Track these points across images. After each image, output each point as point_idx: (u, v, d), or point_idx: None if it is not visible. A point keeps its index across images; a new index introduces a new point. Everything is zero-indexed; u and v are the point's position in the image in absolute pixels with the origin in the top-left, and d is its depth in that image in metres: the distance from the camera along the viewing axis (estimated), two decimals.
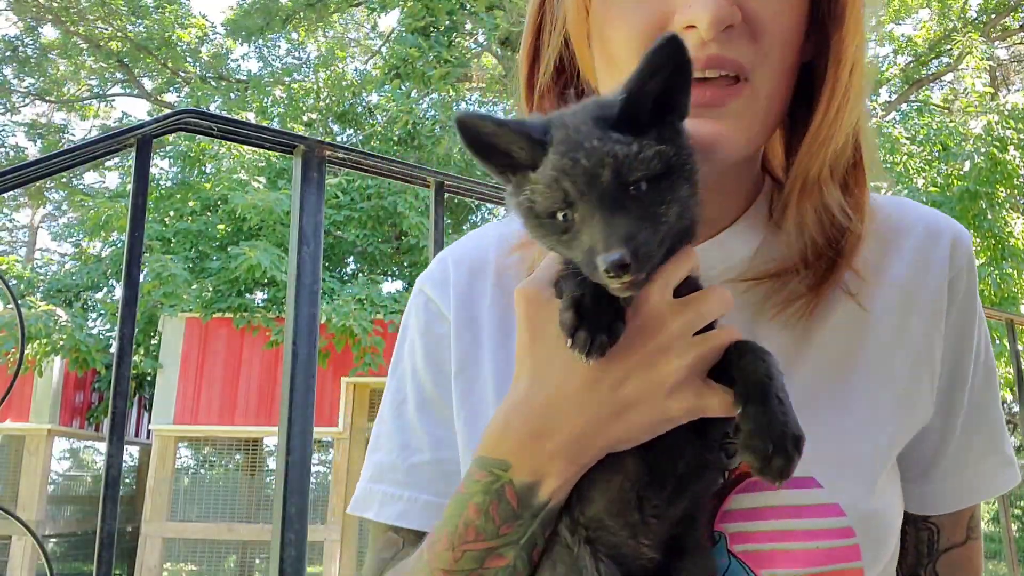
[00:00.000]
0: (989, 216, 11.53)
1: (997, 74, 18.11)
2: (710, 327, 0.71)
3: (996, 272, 11.10)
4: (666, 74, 0.65)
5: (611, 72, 0.81)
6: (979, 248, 12.04)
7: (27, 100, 20.28)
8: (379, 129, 14.13)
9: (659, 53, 0.64)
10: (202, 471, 14.77)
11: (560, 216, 0.66)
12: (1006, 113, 11.77)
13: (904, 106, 18.37)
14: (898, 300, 0.85)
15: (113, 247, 13.78)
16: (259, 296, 12.23)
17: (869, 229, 0.84)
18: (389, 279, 14.93)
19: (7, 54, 18.82)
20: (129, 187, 1.41)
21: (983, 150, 11.34)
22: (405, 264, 14.07)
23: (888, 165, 14.25)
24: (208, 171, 13.69)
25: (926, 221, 0.91)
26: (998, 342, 10.34)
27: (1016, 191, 11.96)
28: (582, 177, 0.64)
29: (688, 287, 0.71)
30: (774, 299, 0.83)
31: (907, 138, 14.26)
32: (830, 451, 0.78)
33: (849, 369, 0.83)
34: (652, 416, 0.69)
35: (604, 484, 0.72)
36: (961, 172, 11.66)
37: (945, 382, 0.87)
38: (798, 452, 0.64)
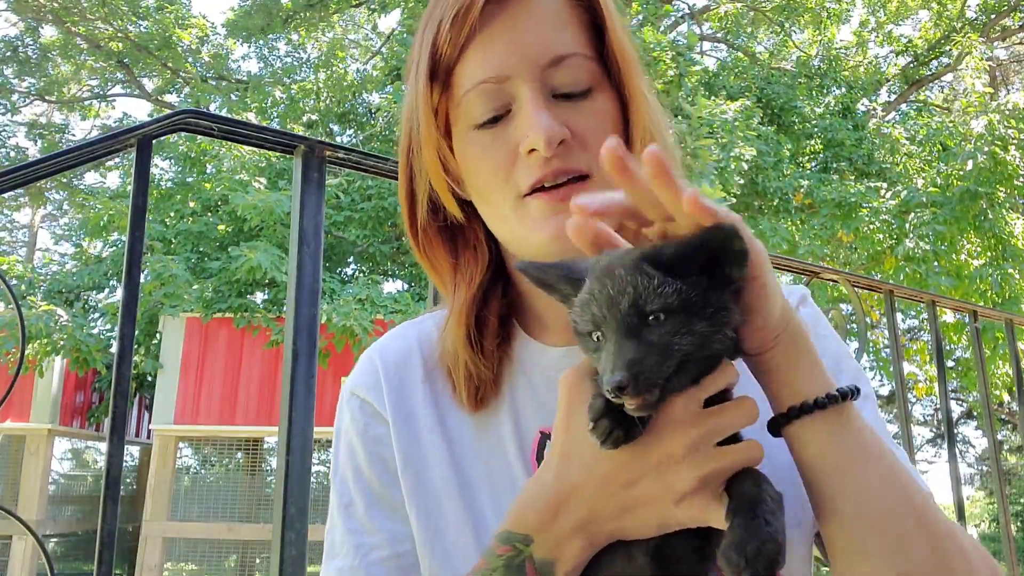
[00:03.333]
0: (990, 216, 11.52)
1: (997, 74, 18.09)
2: (735, 438, 0.76)
3: (998, 273, 11.09)
4: (703, 251, 0.70)
5: (486, 205, 0.95)
6: (980, 249, 12.04)
7: (27, 100, 20.28)
8: (379, 129, 14.13)
9: (706, 235, 0.69)
10: (202, 471, 14.77)
11: (593, 336, 0.73)
12: (1007, 113, 11.76)
13: (904, 106, 18.37)
14: None
15: (114, 247, 13.77)
16: (259, 296, 12.24)
17: None
18: (389, 279, 14.94)
19: (7, 54, 18.82)
20: (129, 187, 1.41)
21: (986, 149, 11.32)
22: (405, 264, 14.07)
23: (888, 165, 14.26)
24: (208, 171, 13.70)
25: None
26: (998, 342, 10.35)
27: (1016, 191, 11.94)
28: (606, 302, 0.71)
29: (721, 398, 0.76)
30: None
31: (907, 138, 14.26)
32: None
33: None
34: (657, 519, 0.75)
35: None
36: (964, 172, 11.64)
37: None
38: (769, 573, 0.67)
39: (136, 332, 1.46)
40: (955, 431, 18.18)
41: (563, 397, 0.79)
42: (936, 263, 11.48)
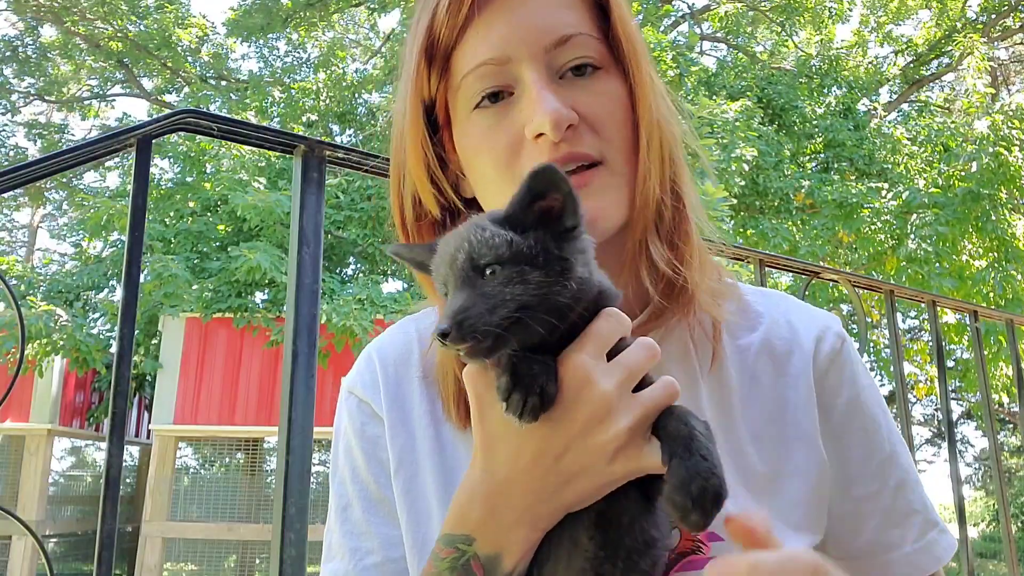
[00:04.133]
0: (993, 217, 11.52)
1: (997, 75, 18.09)
2: (644, 382, 0.74)
3: (1000, 274, 11.09)
4: (533, 196, 0.72)
5: (487, 192, 0.92)
6: (982, 250, 12.03)
7: (27, 100, 20.27)
8: (379, 129, 14.12)
9: (530, 179, 0.71)
10: (202, 471, 14.78)
11: (446, 297, 0.74)
12: (1010, 113, 11.75)
13: (905, 106, 18.37)
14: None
15: (114, 248, 13.77)
16: (259, 296, 12.23)
17: (723, 290, 0.94)
18: (389, 279, 14.93)
19: (7, 54, 18.81)
20: (129, 187, 1.41)
21: (990, 149, 11.31)
22: (405, 264, 14.04)
23: (889, 166, 14.25)
24: (208, 171, 13.69)
25: (790, 316, 0.98)
26: (999, 342, 10.35)
27: (1018, 192, 11.93)
28: (447, 260, 0.73)
29: (617, 350, 0.74)
30: None
31: (908, 139, 14.25)
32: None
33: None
34: (597, 481, 0.72)
35: (564, 563, 0.75)
36: (966, 172, 11.62)
37: (854, 471, 0.93)
38: (716, 508, 0.65)
39: (136, 332, 1.46)
40: (955, 431, 18.18)
41: (470, 390, 0.76)
42: (938, 264, 11.47)
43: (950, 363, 12.99)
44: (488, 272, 0.70)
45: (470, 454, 0.91)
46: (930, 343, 11.63)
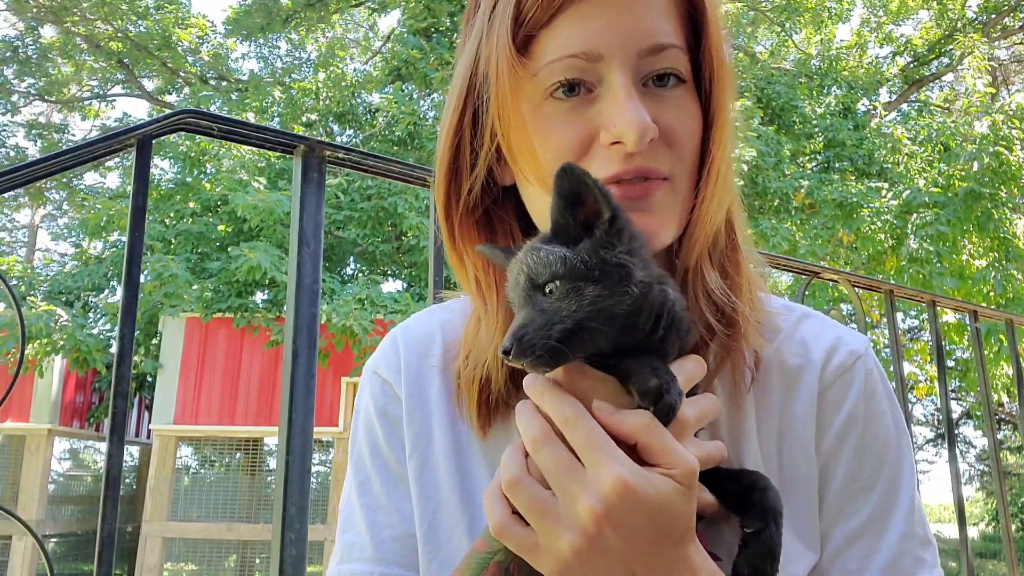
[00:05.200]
0: (996, 217, 11.51)
1: (997, 74, 18.09)
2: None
3: (1001, 274, 11.09)
4: (571, 199, 0.74)
5: (533, 185, 0.87)
6: (982, 249, 12.03)
7: (27, 100, 20.28)
8: (379, 129, 14.12)
9: (556, 182, 0.74)
10: (202, 471, 14.77)
11: None
12: (1011, 112, 11.75)
13: (904, 106, 18.37)
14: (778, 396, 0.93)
15: (114, 248, 13.78)
16: (259, 296, 12.23)
17: (763, 317, 0.93)
18: (389, 279, 14.93)
19: (7, 54, 18.81)
20: (129, 187, 1.41)
21: (990, 149, 11.31)
22: (405, 264, 14.06)
23: (889, 166, 14.25)
24: (208, 171, 13.70)
25: (804, 332, 0.97)
26: (998, 342, 10.35)
27: (1018, 191, 11.93)
28: (512, 284, 0.77)
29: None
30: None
31: (908, 138, 14.24)
32: None
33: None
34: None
35: None
36: (967, 172, 11.62)
37: (831, 490, 0.90)
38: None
39: (136, 332, 1.46)
40: (955, 431, 18.17)
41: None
42: (939, 264, 11.47)
43: (950, 363, 12.99)
44: (547, 290, 0.73)
45: (484, 444, 0.92)
46: (930, 343, 11.63)
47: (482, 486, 0.91)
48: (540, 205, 0.87)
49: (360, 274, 13.89)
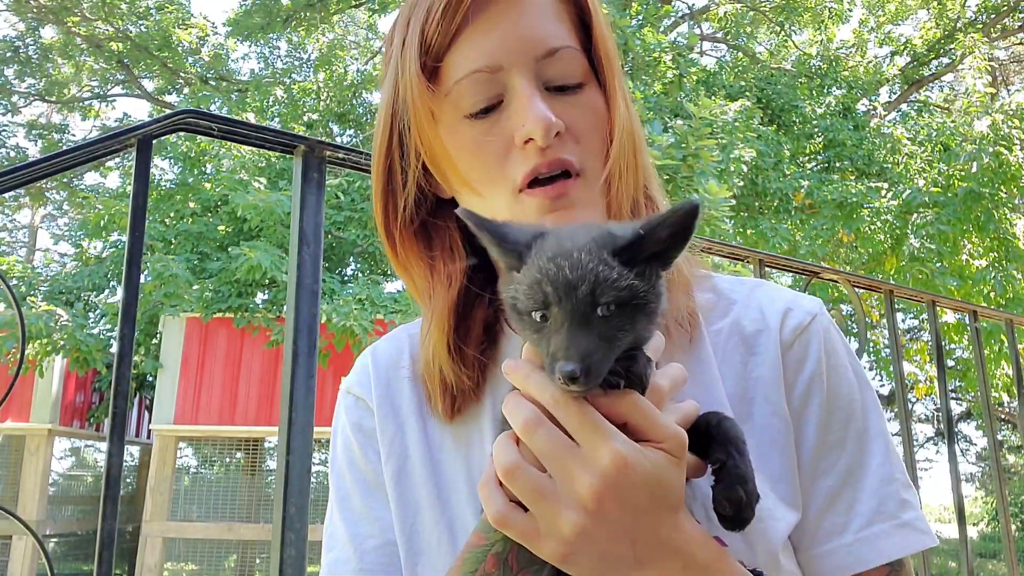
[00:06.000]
0: (996, 216, 11.52)
1: (996, 74, 18.09)
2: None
3: (1002, 274, 11.09)
4: (676, 231, 0.73)
5: (477, 198, 0.93)
6: (982, 250, 12.03)
7: (28, 101, 20.28)
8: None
9: (686, 216, 0.72)
10: (202, 471, 14.77)
11: (538, 316, 0.73)
12: (1010, 112, 11.75)
13: (904, 106, 18.37)
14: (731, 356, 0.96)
15: (114, 248, 13.77)
16: (259, 296, 12.23)
17: (695, 280, 0.99)
18: (389, 279, 14.93)
19: (7, 54, 18.81)
20: (129, 187, 1.42)
21: (990, 149, 11.31)
22: None
23: (889, 166, 14.25)
24: (208, 171, 13.70)
25: (759, 299, 1.00)
26: (997, 342, 10.35)
27: (1018, 191, 11.93)
28: (563, 286, 0.71)
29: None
30: None
31: (908, 138, 14.24)
32: None
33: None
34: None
35: None
36: (966, 172, 11.62)
37: (806, 448, 0.92)
38: (756, 507, 0.76)
39: (136, 332, 1.46)
40: (955, 431, 18.19)
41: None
42: (940, 263, 11.47)
43: (950, 363, 12.99)
44: (601, 309, 0.71)
45: (456, 445, 0.95)
46: (930, 343, 11.63)
47: (455, 475, 0.93)
48: (478, 211, 0.89)
49: (360, 274, 13.89)
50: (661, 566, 0.73)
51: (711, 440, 0.78)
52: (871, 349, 13.19)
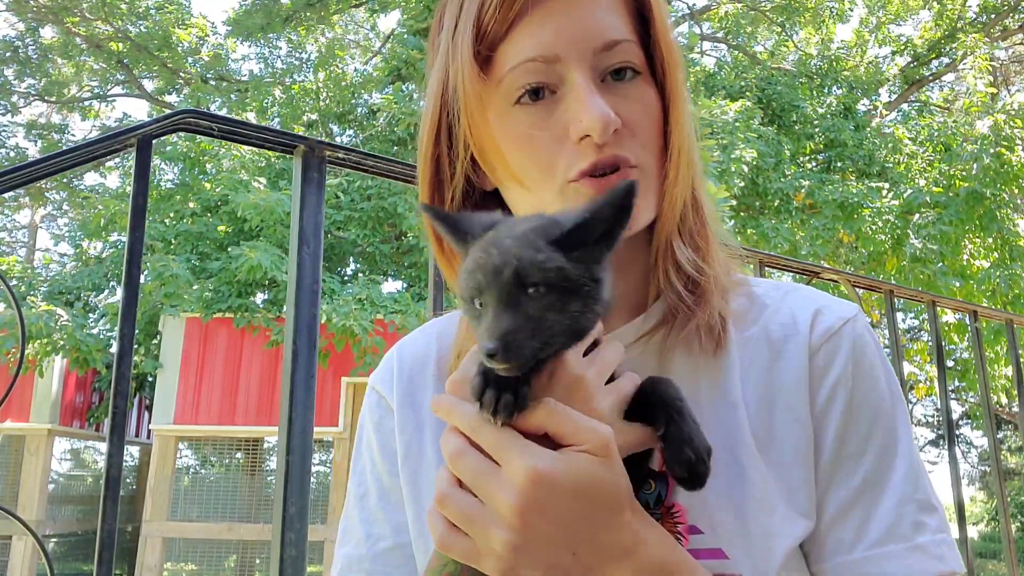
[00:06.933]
0: (998, 216, 11.51)
1: (997, 75, 18.09)
2: (610, 380, 0.81)
3: (1006, 273, 11.09)
4: (617, 213, 0.75)
5: (524, 190, 0.92)
6: (984, 250, 12.02)
7: (28, 101, 20.28)
8: (379, 130, 14.13)
9: (622, 196, 0.74)
10: (202, 471, 14.77)
11: (475, 303, 0.75)
12: (1012, 112, 11.74)
13: (905, 106, 18.37)
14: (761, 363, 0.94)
15: (114, 248, 13.78)
16: (259, 296, 12.24)
17: (732, 285, 0.98)
18: (389, 279, 14.93)
19: (7, 55, 18.81)
20: (129, 187, 1.42)
21: (991, 150, 11.30)
22: (405, 264, 14.07)
23: (890, 166, 14.25)
24: (208, 171, 13.70)
25: (790, 304, 0.97)
26: (997, 342, 10.35)
27: (1019, 191, 11.93)
28: (490, 272, 0.73)
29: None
30: (664, 350, 0.94)
31: (909, 138, 14.24)
32: (732, 521, 0.83)
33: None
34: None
35: None
36: (968, 172, 11.62)
37: (823, 456, 0.89)
38: (710, 460, 0.76)
39: (136, 332, 1.46)
40: (956, 431, 18.17)
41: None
42: (942, 264, 11.47)
43: (950, 363, 12.99)
44: (531, 290, 0.72)
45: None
46: (930, 343, 11.63)
47: None
48: (524, 204, 0.93)
49: (360, 274, 13.89)
50: (611, 570, 0.73)
51: (652, 407, 0.79)
52: None
